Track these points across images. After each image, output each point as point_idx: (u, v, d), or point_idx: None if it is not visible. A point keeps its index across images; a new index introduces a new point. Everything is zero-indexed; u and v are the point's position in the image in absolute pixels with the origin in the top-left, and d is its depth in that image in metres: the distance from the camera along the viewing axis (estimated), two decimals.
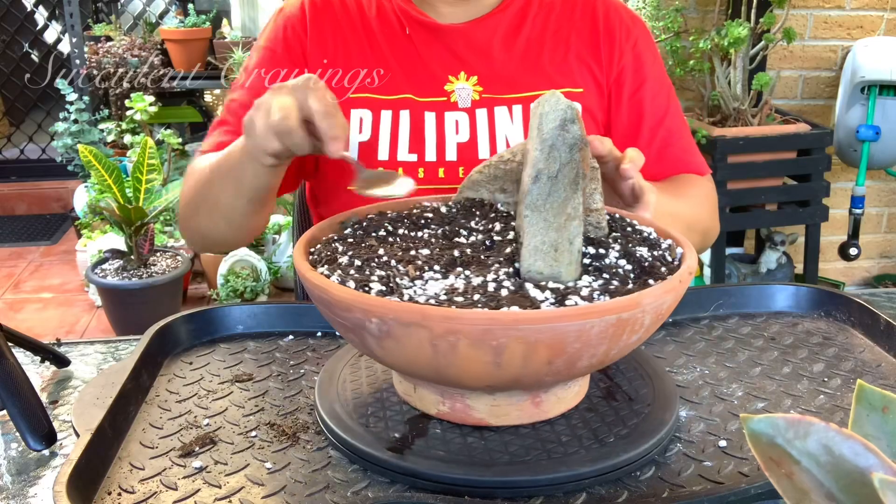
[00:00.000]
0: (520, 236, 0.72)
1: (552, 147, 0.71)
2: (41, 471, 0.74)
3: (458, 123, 1.13)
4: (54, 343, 0.97)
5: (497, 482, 0.66)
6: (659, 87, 1.20)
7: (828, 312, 0.98)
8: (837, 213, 2.94)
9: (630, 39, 1.18)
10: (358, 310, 0.64)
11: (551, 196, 0.71)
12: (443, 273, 0.70)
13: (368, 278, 0.68)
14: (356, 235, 0.79)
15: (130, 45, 3.32)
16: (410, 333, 0.63)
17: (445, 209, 0.84)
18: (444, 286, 0.67)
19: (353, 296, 0.65)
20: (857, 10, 2.85)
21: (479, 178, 0.84)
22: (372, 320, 0.64)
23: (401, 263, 0.71)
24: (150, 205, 2.55)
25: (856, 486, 0.36)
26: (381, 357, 0.69)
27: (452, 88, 1.14)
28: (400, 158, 1.12)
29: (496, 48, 1.15)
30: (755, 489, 0.65)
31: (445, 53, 1.14)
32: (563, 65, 1.16)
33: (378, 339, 0.65)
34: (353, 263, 0.72)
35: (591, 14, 1.18)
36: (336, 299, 0.65)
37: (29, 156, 4.23)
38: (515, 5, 1.17)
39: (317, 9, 1.16)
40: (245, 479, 0.68)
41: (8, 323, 0.85)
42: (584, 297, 0.66)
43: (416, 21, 1.15)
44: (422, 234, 0.79)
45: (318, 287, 0.67)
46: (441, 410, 0.73)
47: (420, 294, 0.66)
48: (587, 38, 1.17)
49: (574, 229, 0.71)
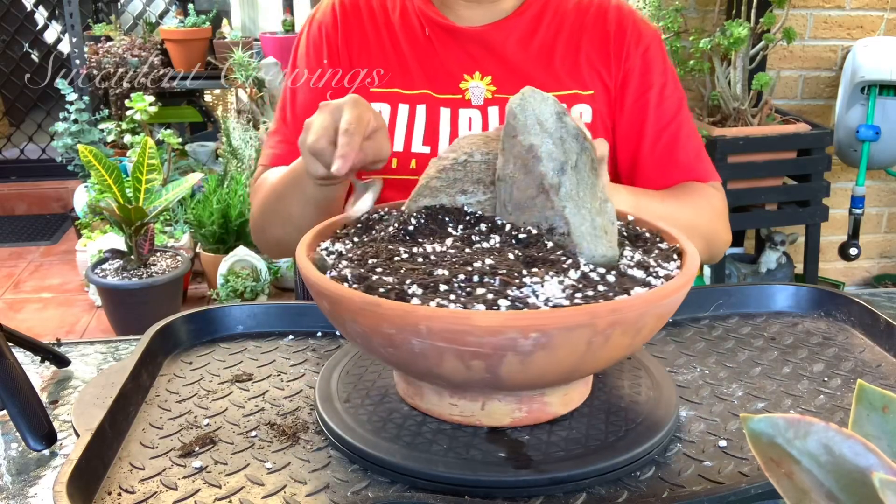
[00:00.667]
0: (539, 230, 0.73)
1: (562, 140, 0.72)
2: (41, 471, 0.74)
3: (471, 120, 1.19)
4: (54, 343, 0.97)
5: (497, 482, 0.66)
6: (668, 94, 1.20)
7: (828, 312, 0.98)
8: (837, 213, 2.94)
9: (641, 45, 1.20)
10: (512, 329, 0.60)
11: (580, 184, 0.73)
12: (527, 276, 0.67)
13: (472, 298, 0.64)
14: (376, 255, 0.73)
15: (130, 45, 3.32)
16: (571, 337, 0.62)
17: (415, 221, 0.77)
18: (557, 287, 0.66)
19: (503, 317, 0.61)
20: (857, 10, 2.85)
21: (439, 185, 0.80)
22: (530, 336, 0.61)
23: (464, 278, 0.67)
24: (150, 205, 2.55)
25: (856, 485, 0.36)
26: (505, 380, 0.65)
27: (467, 87, 1.19)
28: (414, 150, 1.19)
29: (510, 50, 1.20)
30: (755, 489, 0.65)
31: (462, 54, 1.20)
32: (573, 68, 1.19)
33: (526, 355, 0.62)
34: (447, 288, 0.66)
35: (603, 20, 1.21)
36: (479, 327, 0.60)
37: (29, 156, 4.24)
38: (531, 11, 1.21)
39: (346, 11, 1.23)
40: (245, 478, 0.68)
41: (8, 323, 0.85)
42: (650, 272, 0.71)
43: (436, 23, 1.20)
44: (434, 247, 0.73)
45: (454, 320, 0.61)
46: (516, 417, 0.72)
47: (540, 299, 0.64)
48: (598, 42, 1.20)
49: (610, 210, 0.75)
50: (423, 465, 0.67)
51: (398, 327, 0.63)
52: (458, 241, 0.74)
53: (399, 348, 0.64)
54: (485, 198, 0.79)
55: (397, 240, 0.75)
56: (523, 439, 0.70)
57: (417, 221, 0.77)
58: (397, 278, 0.67)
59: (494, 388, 0.69)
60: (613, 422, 0.73)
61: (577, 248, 0.71)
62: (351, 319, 0.66)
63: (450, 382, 0.69)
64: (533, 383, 0.69)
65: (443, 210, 0.78)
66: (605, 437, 0.70)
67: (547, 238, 0.73)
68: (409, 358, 0.65)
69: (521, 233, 0.74)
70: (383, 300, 0.63)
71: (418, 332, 0.62)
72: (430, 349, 0.63)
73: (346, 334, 0.72)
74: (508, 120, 0.75)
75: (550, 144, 0.72)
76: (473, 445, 0.70)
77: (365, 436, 0.71)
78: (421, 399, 0.74)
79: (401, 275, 0.67)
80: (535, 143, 0.73)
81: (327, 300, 0.68)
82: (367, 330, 0.65)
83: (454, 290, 0.65)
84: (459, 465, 0.67)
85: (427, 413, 0.74)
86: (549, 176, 0.72)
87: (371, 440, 0.70)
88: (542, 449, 0.69)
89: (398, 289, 0.65)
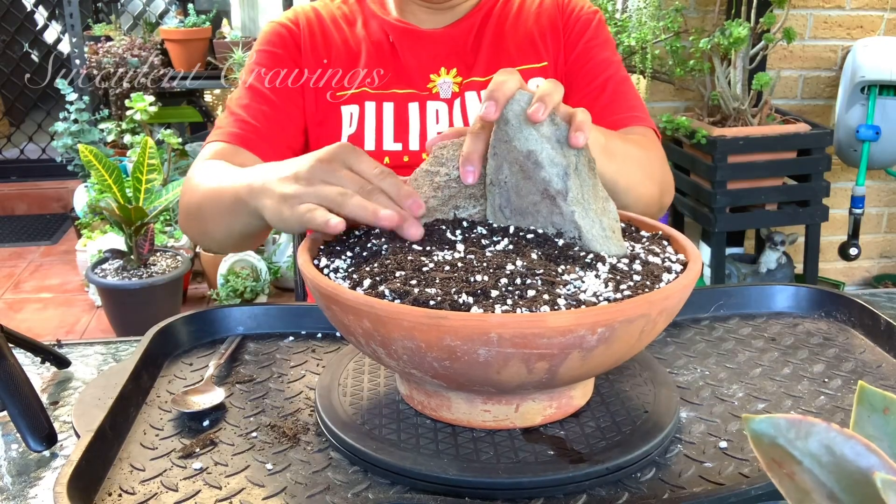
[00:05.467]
0: (545, 233, 0.74)
1: (560, 143, 0.72)
2: (41, 472, 0.74)
3: (437, 113, 1.22)
4: (54, 344, 0.97)
5: (498, 483, 0.65)
6: (609, 56, 1.27)
7: (828, 313, 0.98)
8: (837, 213, 2.94)
9: (584, 15, 1.28)
10: (582, 327, 0.60)
11: (583, 187, 0.73)
12: (564, 274, 0.68)
13: (530, 301, 0.64)
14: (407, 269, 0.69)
15: (130, 45, 3.32)
16: (630, 328, 0.63)
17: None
18: (597, 281, 0.67)
19: (573, 316, 0.60)
20: (857, 10, 2.85)
21: (435, 204, 0.78)
22: (597, 331, 0.61)
23: (506, 282, 0.66)
24: (150, 205, 2.55)
25: (857, 486, 0.36)
26: (560, 378, 0.64)
27: (434, 85, 1.24)
28: (386, 148, 1.21)
29: (470, 43, 1.25)
30: (756, 490, 0.65)
31: (426, 55, 1.24)
32: (524, 44, 1.25)
33: (588, 351, 0.62)
34: (498, 294, 0.65)
35: (548, 2, 1.28)
36: (551, 328, 0.60)
37: (29, 156, 4.24)
38: (486, 7, 1.27)
39: (309, 20, 1.26)
40: (245, 480, 0.68)
41: (8, 323, 0.85)
42: (664, 259, 0.74)
43: (399, 30, 1.24)
44: (452, 254, 0.71)
45: (528, 324, 0.60)
46: (548, 414, 0.72)
47: (588, 294, 0.64)
48: (547, 16, 1.27)
49: (612, 209, 0.76)
50: (423, 466, 0.67)
51: (465, 338, 0.60)
52: (470, 246, 0.72)
53: (459, 360, 0.62)
54: (475, 210, 0.79)
55: (405, 250, 0.72)
56: (525, 440, 0.70)
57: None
58: (439, 289, 0.64)
59: (543, 387, 0.68)
60: (613, 423, 0.73)
61: (592, 249, 0.72)
62: (403, 336, 0.62)
63: (501, 388, 0.66)
64: (582, 378, 0.70)
65: (436, 220, 0.78)
66: (606, 438, 0.70)
67: (556, 238, 0.73)
68: (468, 369, 0.63)
69: (528, 233, 0.74)
70: (450, 312, 0.60)
71: (488, 340, 0.60)
72: (496, 357, 0.61)
73: (386, 353, 0.66)
74: (500, 125, 0.74)
75: (550, 149, 0.72)
76: (474, 446, 0.70)
77: (365, 437, 0.71)
78: (448, 410, 0.72)
79: (439, 285, 0.65)
80: (534, 149, 0.72)
81: (370, 318, 0.63)
82: (423, 346, 0.62)
83: (506, 295, 0.64)
84: (460, 466, 0.67)
85: (454, 423, 0.72)
86: (553, 182, 0.72)
87: (371, 442, 0.70)
88: (543, 450, 0.69)
89: (450, 299, 0.63)
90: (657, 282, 0.68)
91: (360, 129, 1.20)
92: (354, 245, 0.76)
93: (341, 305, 0.65)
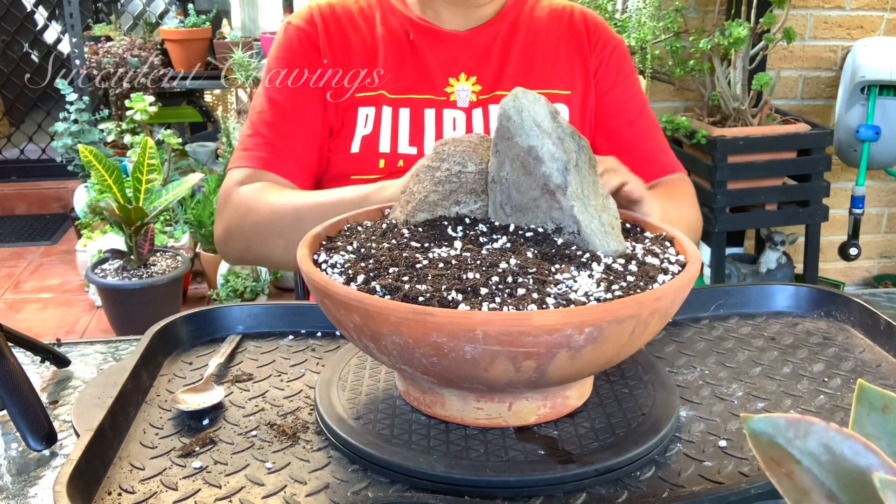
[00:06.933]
0: (545, 230, 0.74)
1: (560, 139, 0.72)
2: (41, 471, 0.74)
3: (455, 121, 1.21)
4: (54, 343, 0.97)
5: (497, 482, 0.65)
6: (634, 93, 1.29)
7: (828, 312, 0.98)
8: (837, 213, 2.94)
9: (608, 47, 1.28)
10: (568, 326, 0.60)
11: (583, 183, 0.74)
12: (557, 273, 0.68)
13: (519, 299, 0.64)
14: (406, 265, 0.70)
15: (130, 45, 3.32)
16: (620, 329, 0.63)
17: (415, 227, 0.76)
18: (589, 281, 0.67)
19: (559, 315, 0.60)
20: (857, 10, 2.85)
21: (436, 199, 0.79)
22: (584, 331, 0.61)
23: (498, 280, 0.66)
24: (150, 205, 2.55)
25: (856, 485, 0.36)
26: (549, 377, 0.64)
27: (452, 90, 1.22)
28: (401, 151, 1.19)
29: (494, 52, 1.23)
30: (755, 489, 0.65)
31: (447, 56, 1.22)
32: (553, 68, 1.25)
33: (576, 350, 0.62)
34: (488, 292, 0.65)
35: (576, 25, 1.28)
36: (537, 327, 0.60)
37: (29, 156, 4.24)
38: (510, 16, 1.25)
39: (325, 18, 1.23)
40: (245, 479, 0.68)
41: (8, 323, 0.85)
42: (662, 259, 0.74)
43: (421, 28, 1.22)
44: (447, 251, 0.72)
45: (513, 322, 0.60)
46: (542, 413, 0.72)
47: (579, 294, 0.65)
48: (575, 44, 1.27)
49: (612, 206, 0.76)
50: (423, 465, 0.67)
51: (451, 335, 0.60)
52: (468, 244, 0.73)
53: (446, 357, 0.62)
54: (476, 206, 0.79)
55: (402, 247, 0.73)
56: (525, 439, 0.70)
57: (416, 227, 0.77)
58: (430, 286, 0.65)
59: (533, 386, 0.68)
60: (613, 422, 0.73)
61: (590, 247, 0.72)
62: (391, 332, 0.63)
63: (491, 386, 0.67)
64: (572, 378, 0.69)
65: (440, 217, 0.78)
66: (605, 437, 0.70)
67: (555, 237, 0.73)
68: (455, 366, 0.63)
69: (528, 232, 0.74)
70: (436, 309, 0.61)
71: (474, 338, 0.60)
72: (482, 354, 0.61)
73: (376, 348, 0.67)
74: (502, 122, 0.74)
75: (551, 145, 0.72)
76: (473, 445, 0.70)
77: (365, 436, 0.71)
78: (442, 407, 0.72)
79: (430, 282, 0.66)
80: (535, 145, 0.72)
81: (360, 313, 0.63)
82: (410, 341, 0.62)
83: (495, 293, 0.64)
84: (460, 464, 0.67)
85: (448, 420, 0.73)
86: (553, 176, 0.72)
87: (371, 440, 0.70)
88: (543, 449, 0.69)
89: (439, 296, 0.63)
90: (651, 283, 0.68)
91: (375, 131, 1.19)
92: (354, 241, 0.77)
93: (333, 300, 0.66)
